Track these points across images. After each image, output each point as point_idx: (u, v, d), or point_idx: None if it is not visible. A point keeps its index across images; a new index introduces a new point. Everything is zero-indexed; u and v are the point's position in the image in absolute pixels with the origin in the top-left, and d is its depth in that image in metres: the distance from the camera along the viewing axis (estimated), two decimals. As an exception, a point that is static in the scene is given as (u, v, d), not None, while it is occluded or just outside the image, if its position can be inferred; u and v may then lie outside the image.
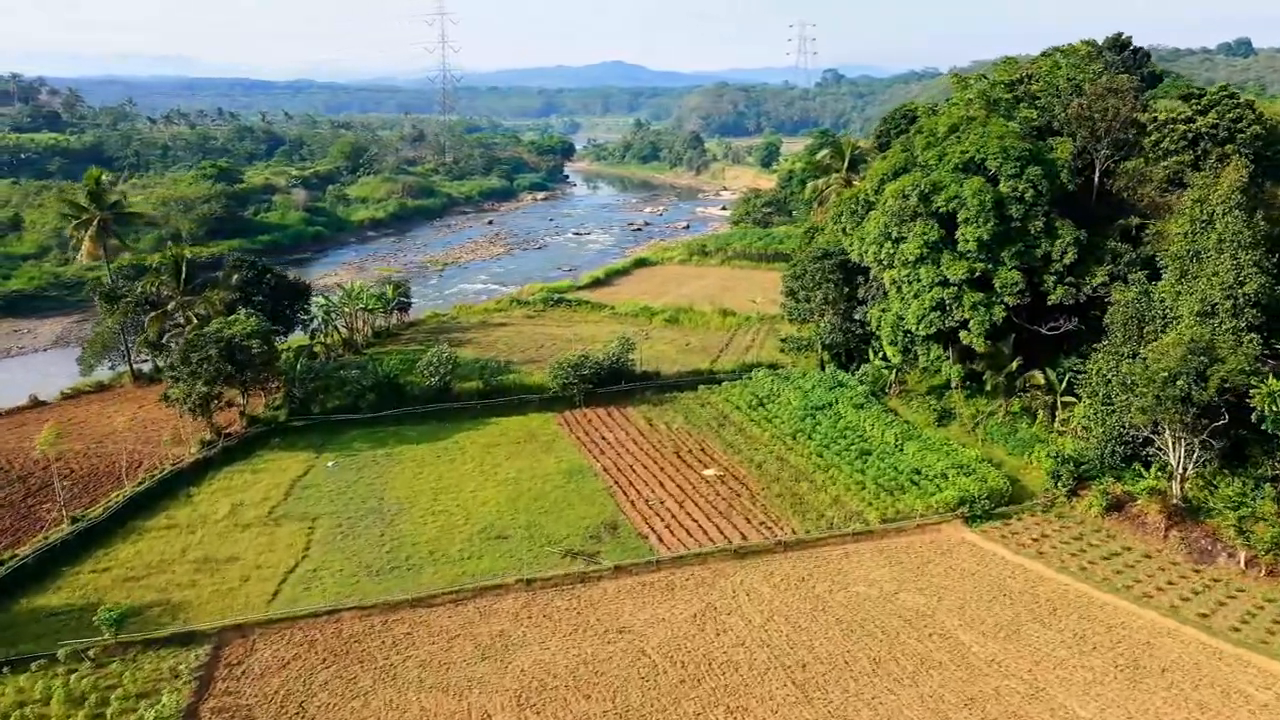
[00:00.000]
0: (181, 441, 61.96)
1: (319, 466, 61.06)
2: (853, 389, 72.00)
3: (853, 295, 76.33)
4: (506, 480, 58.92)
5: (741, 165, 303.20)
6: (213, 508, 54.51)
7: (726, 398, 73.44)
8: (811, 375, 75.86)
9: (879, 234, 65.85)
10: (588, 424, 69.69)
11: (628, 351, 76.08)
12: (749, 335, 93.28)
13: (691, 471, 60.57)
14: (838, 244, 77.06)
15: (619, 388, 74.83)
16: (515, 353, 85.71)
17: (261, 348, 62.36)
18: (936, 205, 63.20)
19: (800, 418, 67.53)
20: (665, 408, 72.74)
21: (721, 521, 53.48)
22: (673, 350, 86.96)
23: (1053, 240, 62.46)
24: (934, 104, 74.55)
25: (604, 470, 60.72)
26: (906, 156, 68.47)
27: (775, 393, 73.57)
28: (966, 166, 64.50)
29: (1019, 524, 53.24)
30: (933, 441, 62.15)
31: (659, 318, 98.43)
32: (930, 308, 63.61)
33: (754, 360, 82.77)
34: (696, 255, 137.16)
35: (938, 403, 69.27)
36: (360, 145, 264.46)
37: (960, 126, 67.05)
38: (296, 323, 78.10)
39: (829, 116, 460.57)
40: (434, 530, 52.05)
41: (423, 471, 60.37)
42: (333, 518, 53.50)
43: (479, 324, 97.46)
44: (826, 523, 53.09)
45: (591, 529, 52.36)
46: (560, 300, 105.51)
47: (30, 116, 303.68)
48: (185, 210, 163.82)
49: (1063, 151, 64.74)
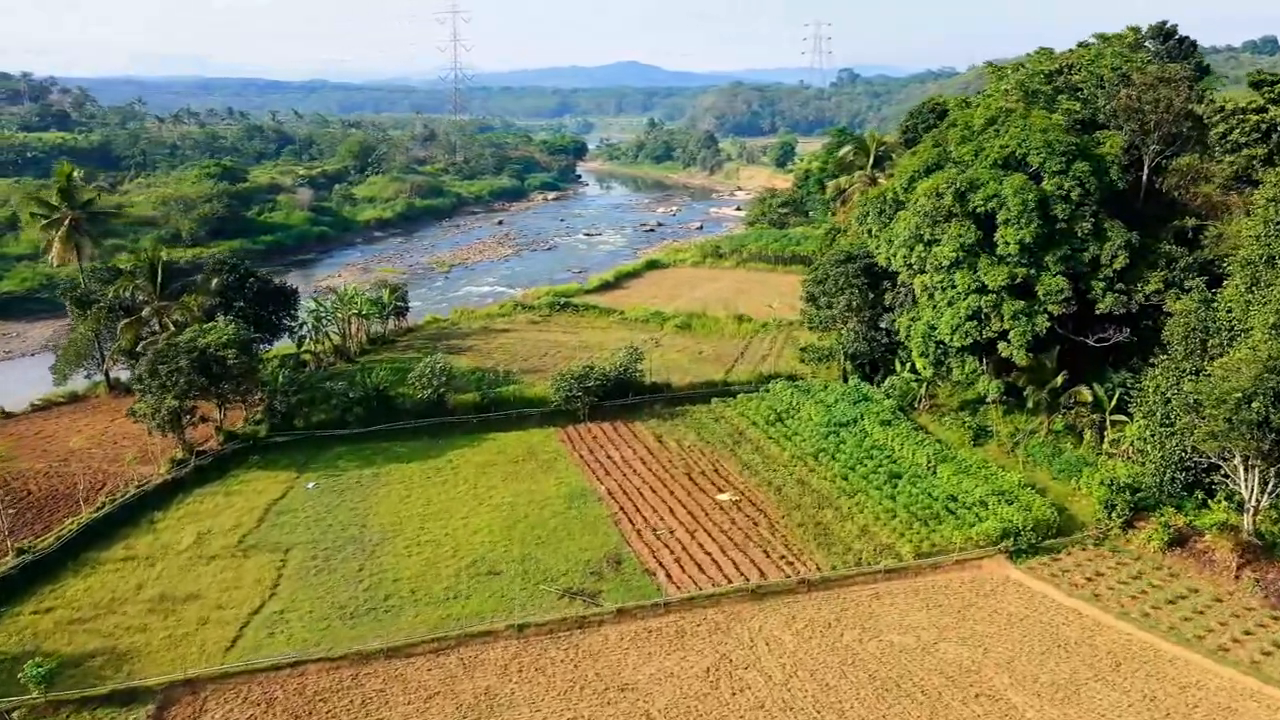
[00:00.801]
0: (149, 460, 57.15)
1: (299, 488, 56.09)
2: (879, 403, 66.57)
3: (878, 302, 70.91)
4: (501, 505, 53.81)
5: (756, 165, 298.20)
6: (177, 536, 49.59)
7: (742, 412, 68.13)
8: (834, 388, 70.44)
9: (909, 236, 60.45)
10: (592, 440, 64.54)
11: (636, 362, 70.91)
12: (765, 343, 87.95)
13: (704, 496, 55.30)
14: (862, 246, 71.66)
15: (626, 401, 69.69)
16: (517, 361, 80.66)
17: (238, 358, 57.48)
18: (973, 205, 57.76)
19: (822, 435, 62.16)
20: (676, 422, 67.54)
21: (737, 555, 48.19)
22: (684, 359, 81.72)
23: (1101, 243, 56.95)
24: (966, 97, 69.26)
25: (608, 494, 55.53)
26: (939, 152, 63.06)
27: (795, 407, 68.23)
28: (1006, 162, 59.10)
29: (1069, 560, 47.71)
30: (969, 464, 56.64)
31: (670, 324, 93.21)
32: (966, 317, 58.15)
33: (771, 370, 77.40)
34: (710, 257, 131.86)
35: (972, 419, 63.75)
36: (369, 144, 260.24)
37: (998, 119, 61.59)
38: (283, 329, 73.26)
39: (844, 116, 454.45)
40: (419, 564, 46.97)
41: (411, 494, 55.34)
42: (308, 548, 48.49)
43: (480, 330, 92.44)
44: (854, 557, 47.73)
45: (593, 563, 47.16)
46: (566, 305, 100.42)
47: (39, 115, 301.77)
48: (185, 210, 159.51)
49: (1112, 145, 59.13)
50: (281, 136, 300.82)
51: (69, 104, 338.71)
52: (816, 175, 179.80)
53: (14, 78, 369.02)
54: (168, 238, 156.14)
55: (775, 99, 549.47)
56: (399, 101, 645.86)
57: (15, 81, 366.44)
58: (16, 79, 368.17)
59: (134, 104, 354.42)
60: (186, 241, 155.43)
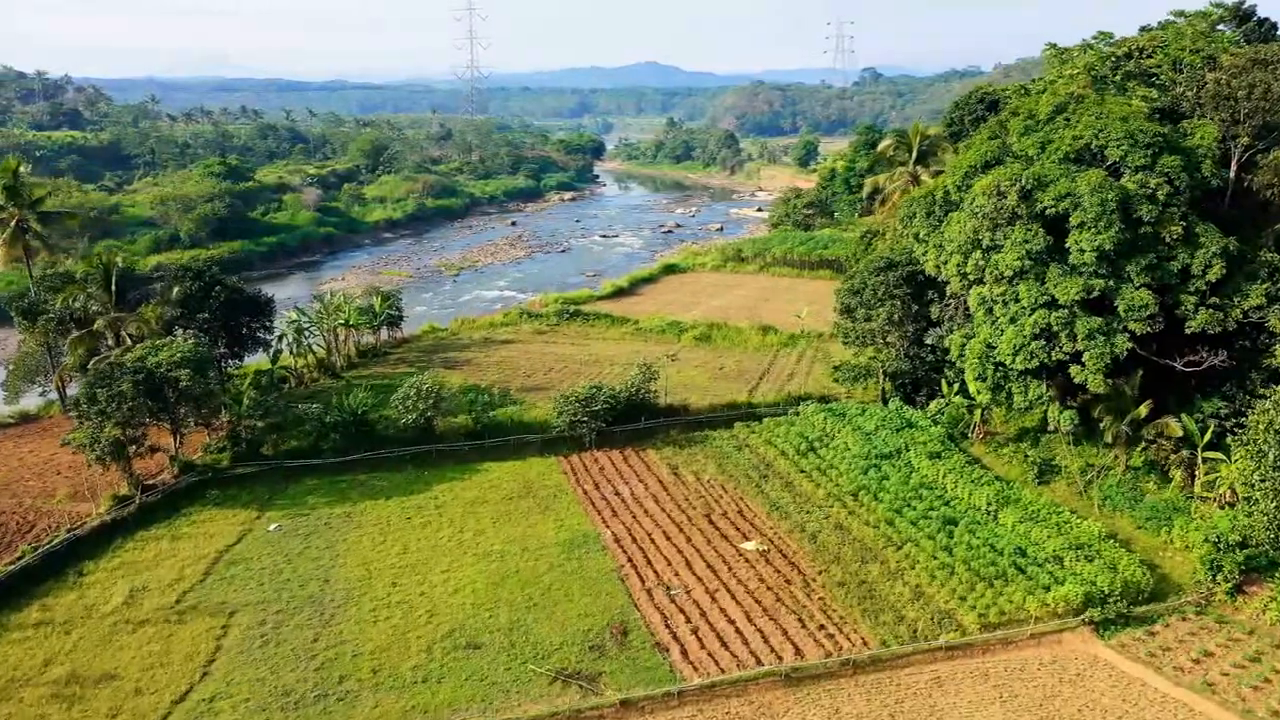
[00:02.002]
0: (89, 497, 49.87)
1: (259, 530, 48.66)
2: (925, 431, 58.49)
3: (923, 314, 62.84)
4: (490, 555, 46.12)
5: (778, 165, 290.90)
6: (106, 593, 42.18)
7: (769, 439, 60.21)
8: (873, 412, 62.37)
9: (965, 241, 52.30)
10: (598, 472, 56.81)
11: (649, 381, 63.12)
12: (793, 357, 79.90)
13: (727, 545, 47.40)
14: (905, 252, 63.59)
15: (638, 425, 61.94)
16: (518, 377, 73.04)
17: (193, 379, 50.12)
18: (1042, 205, 49.57)
19: (862, 469, 54.15)
20: (694, 451, 59.72)
21: (766, 623, 40.27)
22: (704, 376, 73.83)
23: (1192, 250, 48.59)
24: (1025, 84, 61.08)
25: (615, 541, 47.74)
26: (998, 145, 54.88)
27: (829, 434, 60.26)
28: (1079, 156, 50.87)
29: (1168, 634, 39.49)
30: (1036, 508, 48.42)
31: (688, 335, 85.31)
32: (1031, 335, 49.92)
33: (800, 390, 69.42)
34: (732, 261, 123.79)
35: (1034, 451, 55.53)
36: (381, 143, 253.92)
37: (1068, 107, 53.36)
38: (259, 343, 65.94)
39: (867, 116, 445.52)
40: (385, 633, 39.35)
41: (386, 539, 47.77)
42: (257, 610, 40.97)
43: (481, 341, 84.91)
44: (908, 628, 39.70)
45: (593, 633, 39.38)
46: (575, 313, 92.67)
47: (50, 114, 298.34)
48: (185, 210, 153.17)
49: (1205, 136, 50.71)
50: (295, 136, 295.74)
51: (81, 102, 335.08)
52: (843, 175, 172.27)
53: (29, 76, 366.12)
54: (166, 239, 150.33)
55: (796, 98, 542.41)
56: (419, 101, 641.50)
57: (30, 80, 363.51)
58: (31, 78, 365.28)
59: (147, 103, 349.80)
60: (185, 243, 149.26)
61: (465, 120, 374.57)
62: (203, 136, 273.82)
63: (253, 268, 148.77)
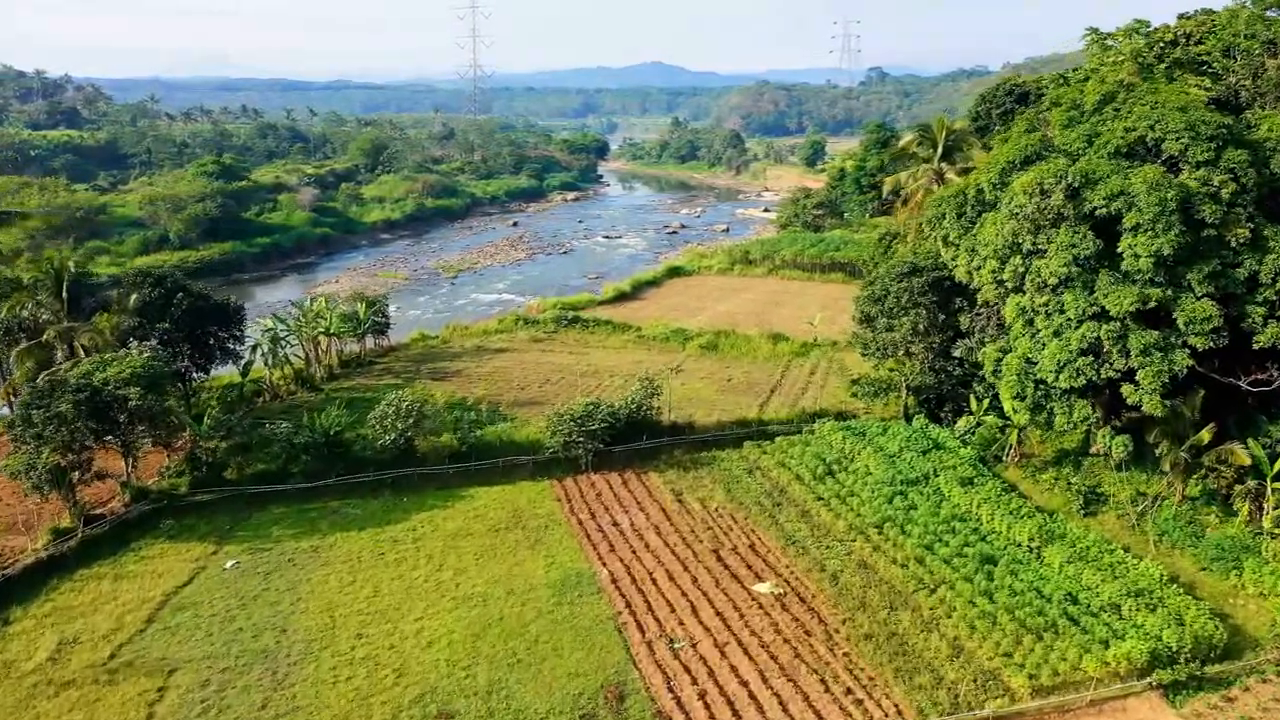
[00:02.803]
0: (25, 528, 44.77)
1: (214, 567, 43.54)
2: (954, 454, 53.20)
3: (950, 324, 57.62)
4: (471, 599, 40.93)
5: (784, 165, 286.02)
6: (30, 646, 37.05)
7: (782, 460, 54.97)
8: (895, 430, 57.10)
9: (1003, 245, 47.00)
10: (595, 498, 51.60)
11: (651, 397, 57.92)
12: (806, 368, 74.60)
13: (738, 586, 42.15)
14: (930, 256, 58.37)
15: (639, 445, 56.75)
16: (512, 390, 67.88)
17: (144, 397, 45.02)
18: (1090, 205, 44.26)
19: (887, 497, 48.87)
20: (700, 474, 54.47)
21: (784, 686, 34.99)
22: (710, 388, 68.59)
23: (1261, 256, 43.23)
24: (1064, 73, 55.66)
25: (612, 582, 42.52)
26: (1038, 139, 49.51)
27: (848, 455, 55.03)
28: (1132, 150, 45.57)
29: (1249, 699, 34.13)
30: (1085, 544, 43.09)
31: (694, 344, 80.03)
32: (1078, 350, 44.64)
33: (815, 405, 64.16)
34: (739, 264, 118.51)
35: (1077, 477, 50.18)
36: (381, 142, 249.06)
37: (1116, 96, 48.03)
38: (228, 355, 60.81)
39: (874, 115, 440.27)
40: (345, 696, 34.14)
41: (355, 579, 42.62)
42: (201, 668, 35.78)
43: (473, 350, 79.70)
44: (948, 693, 34.34)
45: (585, 698, 34.14)
46: (575, 320, 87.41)
47: (48, 113, 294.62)
48: (175, 210, 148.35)
49: (1273, 128, 45.37)
50: (295, 135, 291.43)
51: (80, 101, 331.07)
52: (853, 174, 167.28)
53: (28, 76, 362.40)
54: (155, 240, 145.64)
55: (802, 98, 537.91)
56: (422, 101, 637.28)
57: (30, 79, 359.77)
58: (30, 77, 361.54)
59: (146, 101, 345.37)
60: (175, 244, 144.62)
61: (468, 120, 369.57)
62: (201, 136, 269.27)
63: (244, 269, 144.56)
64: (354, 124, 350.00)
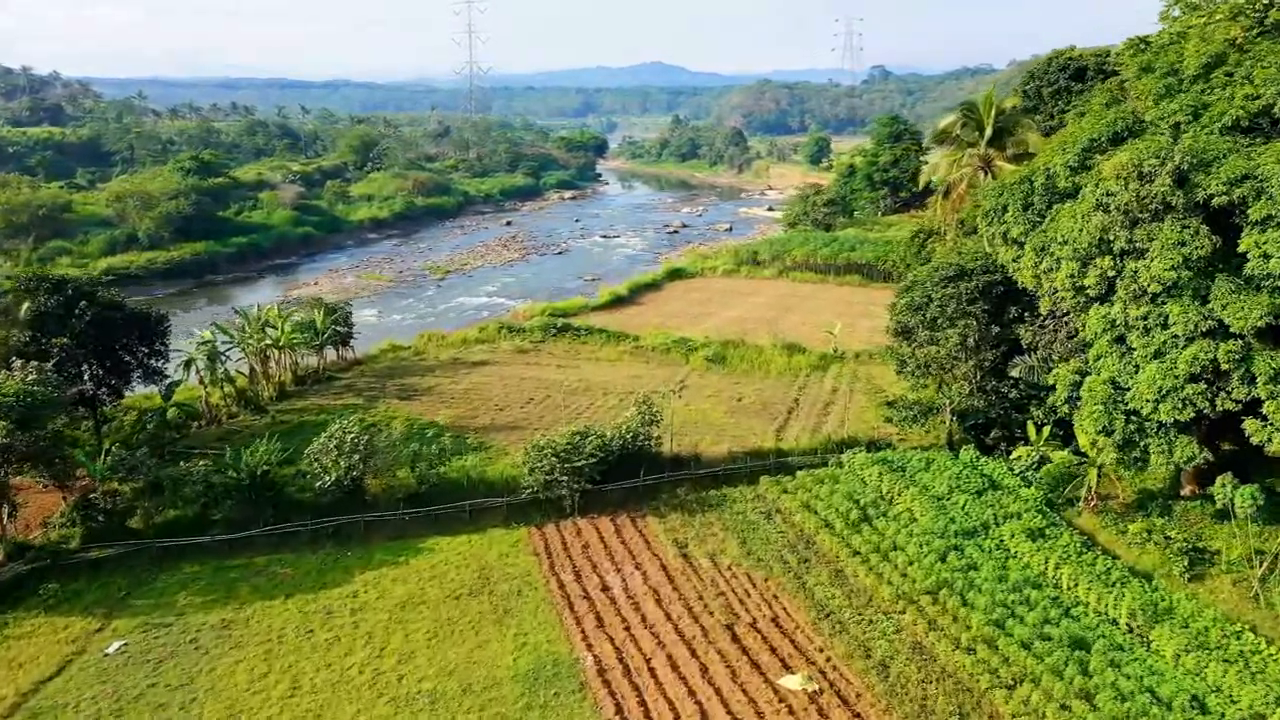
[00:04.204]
0: None
1: (94, 651, 34.37)
2: (1015, 495, 43.94)
3: (1005, 337, 48.47)
4: (414, 700, 31.66)
5: (787, 163, 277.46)
6: None
7: (807, 501, 45.74)
8: (941, 464, 47.84)
9: (1087, 243, 37.77)
10: (581, 552, 42.35)
11: (650, 424, 48.72)
12: (827, 384, 65.35)
13: (759, 680, 32.89)
14: (980, 256, 49.17)
15: (636, 483, 47.54)
16: (489, 411, 58.67)
17: (10, 434, 35.85)
18: (1205, 193, 35.09)
19: (939, 553, 39.62)
20: (709, 519, 45.22)
21: (828, 840, 25.80)
22: (718, 410, 59.37)
23: None
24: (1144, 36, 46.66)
25: (599, 672, 33.22)
26: (1128, 112, 40.35)
27: (886, 496, 45.81)
28: (1254, 124, 36.47)
29: None
30: (1201, 623, 33.84)
31: (699, 356, 70.72)
32: (1187, 375, 35.47)
33: (841, 431, 54.85)
34: (746, 265, 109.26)
35: (1173, 528, 40.86)
36: (372, 139, 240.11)
37: (1227, 59, 38.88)
38: (152, 373, 51.57)
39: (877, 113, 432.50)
40: None
41: (270, 669, 33.38)
42: (43, 810, 26.68)
43: (449, 363, 70.42)
44: None
45: None
46: (565, 328, 78.04)
47: (30, 110, 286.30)
48: (144, 208, 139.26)
49: None
50: (286, 132, 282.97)
51: (64, 98, 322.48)
52: (865, 170, 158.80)
53: (14, 72, 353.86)
54: (123, 239, 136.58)
55: (804, 97, 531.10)
56: (422, 101, 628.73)
57: (16, 76, 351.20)
58: (17, 74, 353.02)
59: (133, 98, 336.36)
60: (144, 244, 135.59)
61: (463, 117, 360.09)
62: (187, 133, 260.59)
63: (219, 270, 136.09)
64: (347, 121, 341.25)
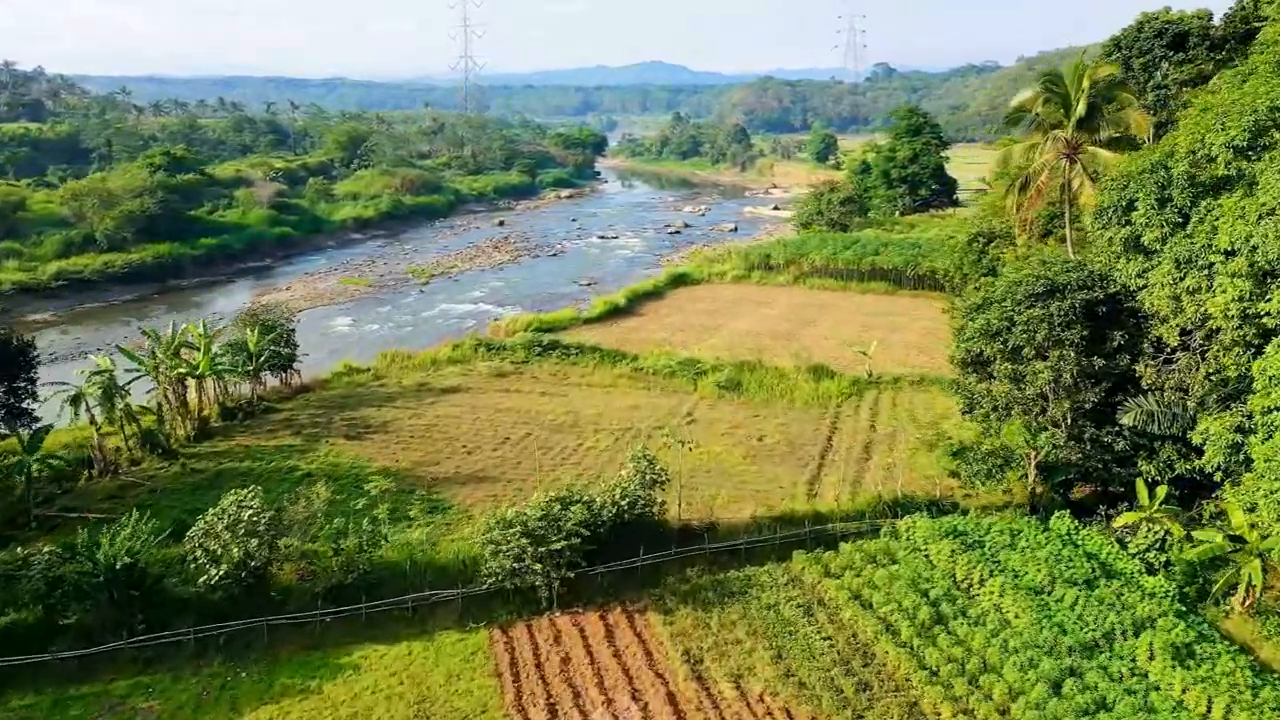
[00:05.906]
0: None
1: None
2: (1137, 585, 32.99)
3: (1109, 372, 37.54)
4: None
5: (792, 161, 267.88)
6: None
7: (858, 590, 34.75)
8: (1031, 539, 36.72)
9: (1276, 254, 26.78)
10: (557, 668, 31.28)
11: (652, 486, 37.65)
12: (863, 416, 54.34)
13: None
14: (1073, 267, 38.13)
15: (634, 562, 36.49)
16: (454, 455, 47.63)
17: None
18: None
19: (1050, 678, 28.62)
20: (729, 614, 34.07)
21: None
22: (735, 454, 48.35)
23: None
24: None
25: None
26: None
27: (964, 585, 34.79)
28: None
29: None
30: None
31: (709, 380, 59.62)
32: None
33: (892, 485, 43.70)
34: (759, 270, 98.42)
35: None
36: (360, 135, 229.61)
37: None
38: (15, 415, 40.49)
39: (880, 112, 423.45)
40: None
41: None
42: None
43: (414, 389, 59.36)
44: None
45: None
46: (553, 346, 66.90)
47: (8, 105, 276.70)
48: (104, 206, 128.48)
49: None
50: (274, 129, 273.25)
51: (45, 93, 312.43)
52: (881, 166, 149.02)
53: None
54: (80, 240, 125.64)
55: (807, 94, 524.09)
56: (419, 99, 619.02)
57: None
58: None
59: (115, 94, 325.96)
60: (103, 245, 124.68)
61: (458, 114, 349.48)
62: (170, 129, 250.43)
63: (184, 274, 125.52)
64: (338, 118, 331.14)
